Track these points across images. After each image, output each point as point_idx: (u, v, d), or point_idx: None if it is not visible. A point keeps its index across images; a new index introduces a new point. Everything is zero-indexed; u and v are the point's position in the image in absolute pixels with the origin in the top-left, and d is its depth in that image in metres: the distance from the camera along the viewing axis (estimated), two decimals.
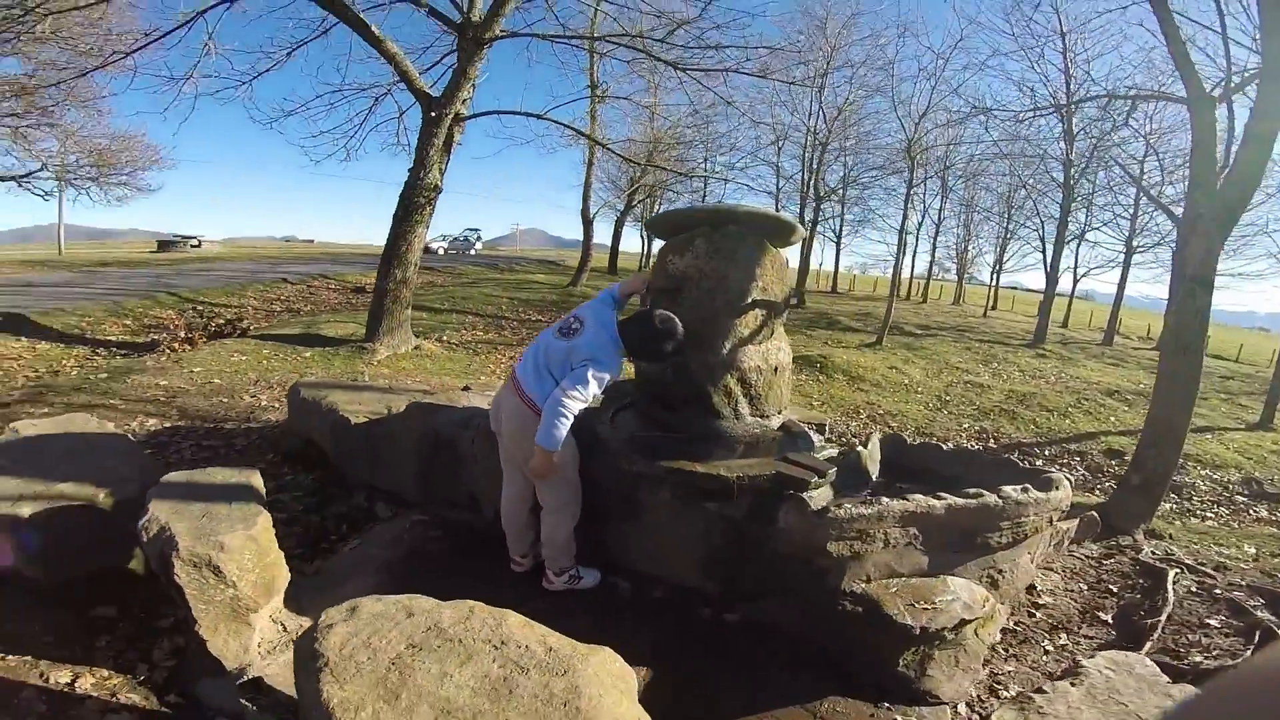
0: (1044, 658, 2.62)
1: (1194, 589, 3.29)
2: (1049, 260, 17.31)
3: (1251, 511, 6.05)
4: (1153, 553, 3.86)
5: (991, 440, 8.01)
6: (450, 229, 41.67)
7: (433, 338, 9.44)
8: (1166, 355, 4.75)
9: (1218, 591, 3.23)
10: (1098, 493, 6.08)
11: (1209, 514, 5.86)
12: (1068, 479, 3.09)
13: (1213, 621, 2.91)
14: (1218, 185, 4.37)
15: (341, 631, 1.49)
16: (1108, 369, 13.82)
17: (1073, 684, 2.05)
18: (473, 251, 35.19)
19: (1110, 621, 2.95)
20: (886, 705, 2.18)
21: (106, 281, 13.16)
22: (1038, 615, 2.94)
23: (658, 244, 3.24)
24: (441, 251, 33.01)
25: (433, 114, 7.18)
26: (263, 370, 6.88)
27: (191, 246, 26.32)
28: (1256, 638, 2.71)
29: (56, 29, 11.41)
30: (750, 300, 2.77)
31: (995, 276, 28.37)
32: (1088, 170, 15.44)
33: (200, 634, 2.12)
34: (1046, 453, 7.61)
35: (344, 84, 9.01)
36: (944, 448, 3.62)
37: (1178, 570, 3.47)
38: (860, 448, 3.21)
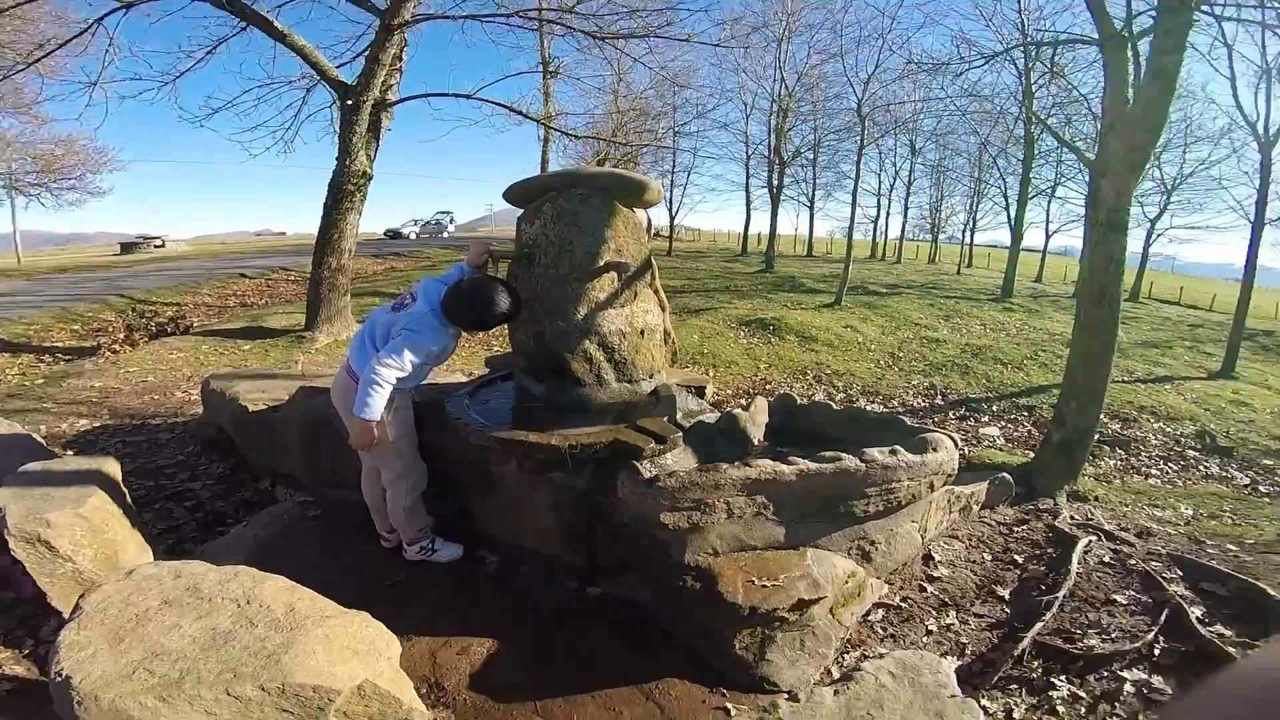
0: (925, 638, 2.42)
1: (1108, 559, 2.99)
2: (1012, 216, 17.41)
3: (1201, 467, 5.88)
4: (1071, 518, 3.56)
5: (940, 396, 8.03)
6: (422, 213, 41.02)
7: None
8: (1083, 304, 4.52)
9: (1133, 563, 2.91)
10: None
11: (1154, 471, 5.69)
12: (952, 438, 2.87)
13: (1119, 598, 2.63)
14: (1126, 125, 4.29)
15: (108, 590, 1.65)
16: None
17: (836, 691, 1.92)
18: (445, 234, 34.74)
19: (1007, 597, 2.70)
20: (722, 690, 2.04)
21: (60, 288, 12.95)
22: (929, 590, 2.71)
23: None
24: (414, 236, 32.59)
25: (349, 102, 7.06)
26: (198, 366, 6.83)
27: (155, 247, 25.91)
28: (1163, 617, 2.41)
29: None
30: (603, 263, 2.75)
31: (969, 235, 28.48)
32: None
33: (54, 605, 2.18)
34: (994, 408, 7.58)
35: (272, 78, 8.87)
36: (833, 408, 3.57)
37: (1092, 538, 3.17)
38: (738, 410, 3.21)
